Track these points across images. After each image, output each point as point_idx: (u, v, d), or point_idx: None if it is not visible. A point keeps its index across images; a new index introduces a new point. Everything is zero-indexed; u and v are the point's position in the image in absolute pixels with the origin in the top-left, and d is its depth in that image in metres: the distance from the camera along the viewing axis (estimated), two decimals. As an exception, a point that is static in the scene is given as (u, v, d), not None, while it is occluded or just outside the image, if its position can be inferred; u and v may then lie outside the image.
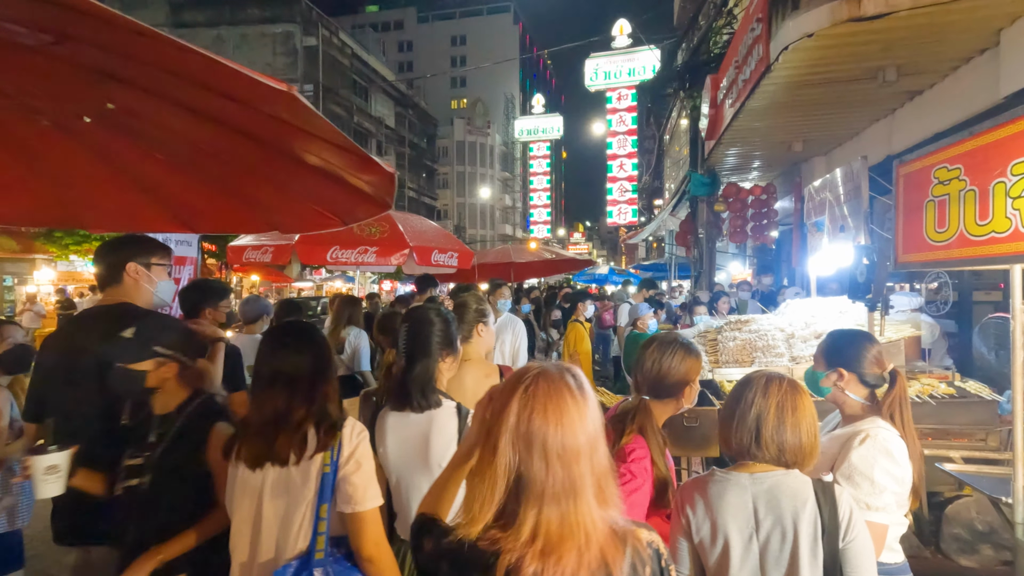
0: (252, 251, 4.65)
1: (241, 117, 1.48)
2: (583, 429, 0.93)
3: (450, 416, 1.75)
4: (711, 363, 3.85)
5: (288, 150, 1.67)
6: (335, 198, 2.04)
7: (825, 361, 1.77)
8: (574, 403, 0.93)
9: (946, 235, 2.05)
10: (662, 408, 1.69)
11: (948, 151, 2.03)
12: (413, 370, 1.75)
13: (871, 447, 1.57)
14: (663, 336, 1.74)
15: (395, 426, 1.76)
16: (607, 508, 0.94)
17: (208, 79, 1.25)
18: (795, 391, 1.37)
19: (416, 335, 1.79)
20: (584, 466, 0.92)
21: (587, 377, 1.00)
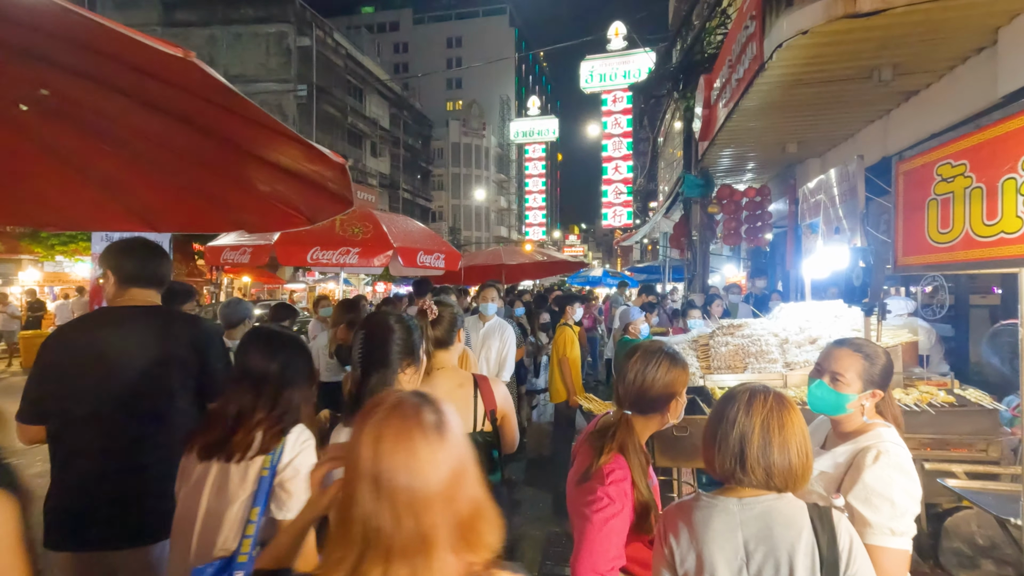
0: (230, 252, 4.50)
1: (180, 102, 1.34)
2: (436, 473, 0.82)
3: None
4: (703, 369, 3.72)
5: (234, 139, 1.54)
6: (296, 194, 1.91)
7: (865, 381, 1.58)
8: (426, 443, 0.83)
9: (950, 236, 1.92)
10: (645, 424, 1.55)
11: (952, 146, 1.91)
12: (368, 382, 1.58)
13: (886, 465, 1.43)
14: (647, 345, 1.59)
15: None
16: (473, 554, 0.84)
17: (105, 46, 1.12)
18: (782, 407, 1.24)
19: (373, 343, 1.63)
20: (437, 516, 0.81)
21: (577, 382, 0.88)
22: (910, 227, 2.15)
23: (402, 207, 36.76)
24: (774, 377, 3.50)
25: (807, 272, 4.69)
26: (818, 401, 1.63)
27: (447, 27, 56.52)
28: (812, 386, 1.64)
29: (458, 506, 0.84)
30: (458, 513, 0.83)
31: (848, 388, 1.58)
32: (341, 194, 1.76)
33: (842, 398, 1.58)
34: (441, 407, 0.91)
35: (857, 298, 3.06)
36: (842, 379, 1.59)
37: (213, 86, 1.14)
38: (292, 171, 1.64)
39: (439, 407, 0.90)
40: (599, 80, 30.30)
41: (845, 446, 1.57)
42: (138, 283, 1.94)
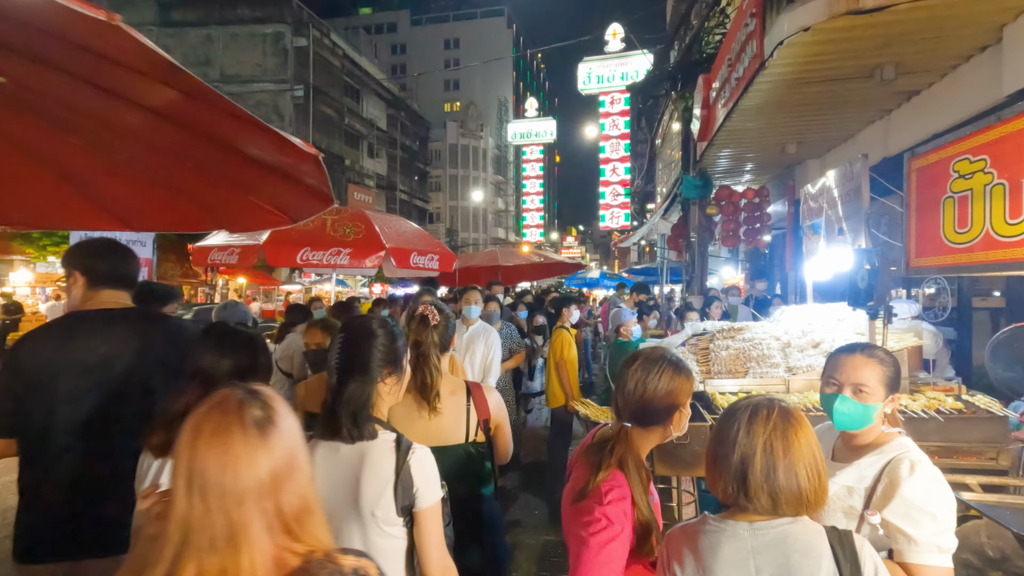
0: (217, 252, 4.38)
1: (137, 87, 1.24)
2: (251, 470, 0.83)
3: (385, 452, 1.43)
4: (703, 374, 3.62)
5: (203, 128, 1.43)
6: (275, 191, 1.81)
7: (889, 388, 1.49)
8: (244, 441, 0.84)
9: (968, 236, 1.82)
10: (646, 437, 1.44)
11: (970, 140, 1.81)
12: (345, 391, 1.46)
13: (924, 477, 1.33)
14: (648, 352, 1.48)
15: (324, 459, 1.46)
16: (300, 545, 0.87)
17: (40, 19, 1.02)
18: (788, 424, 1.12)
19: (351, 349, 1.50)
20: (251, 510, 0.83)
21: (574, 385, 0.79)
22: (923, 227, 2.05)
23: (399, 208, 36.64)
24: (776, 382, 3.40)
25: (809, 274, 4.59)
26: (846, 418, 1.50)
27: (445, 28, 56.50)
28: (836, 403, 1.51)
29: (280, 502, 0.85)
30: (280, 509, 0.85)
31: (873, 398, 1.48)
32: (320, 190, 1.66)
33: (870, 409, 1.48)
34: (272, 403, 0.91)
35: (862, 301, 2.96)
36: (866, 389, 1.48)
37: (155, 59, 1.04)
38: (267, 165, 1.54)
39: (269, 403, 0.90)
40: (597, 82, 30.28)
41: (870, 458, 1.46)
42: (110, 284, 1.86)
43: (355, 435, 1.43)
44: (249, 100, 27.84)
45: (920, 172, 2.11)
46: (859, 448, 1.51)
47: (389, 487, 1.40)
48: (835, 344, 3.54)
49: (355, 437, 1.43)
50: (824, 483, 1.12)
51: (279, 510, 0.85)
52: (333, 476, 1.44)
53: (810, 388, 3.33)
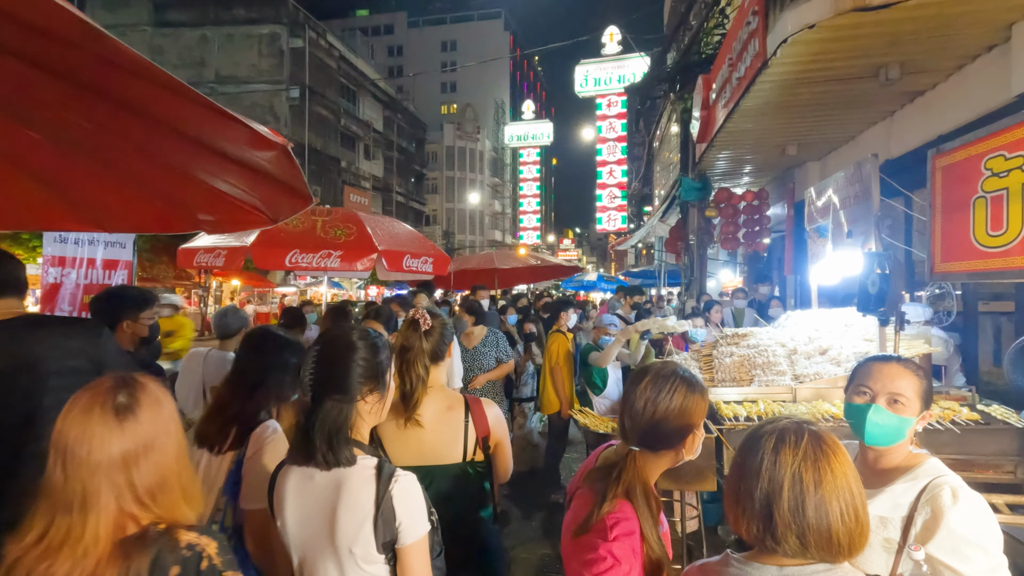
0: (204, 254, 4.23)
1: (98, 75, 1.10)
2: (104, 448, 0.98)
3: (364, 481, 1.28)
4: (705, 381, 3.49)
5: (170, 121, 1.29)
6: (250, 187, 1.68)
7: (924, 402, 1.37)
8: (101, 422, 0.99)
9: (1004, 239, 1.68)
10: (656, 463, 1.30)
11: (1006, 135, 1.67)
12: (320, 411, 1.31)
13: (969, 506, 1.20)
14: (659, 368, 1.33)
15: (297, 487, 1.33)
16: (154, 516, 1.02)
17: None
18: (820, 452, 0.98)
19: (328, 364, 1.35)
20: (101, 481, 0.97)
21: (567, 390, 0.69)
22: (951, 229, 1.92)
23: (395, 210, 36.49)
24: (782, 391, 3.27)
25: (814, 278, 4.47)
26: (879, 431, 1.36)
27: (442, 31, 56.44)
28: (870, 414, 1.37)
29: (131, 477, 1.00)
30: (132, 483, 1.00)
31: (909, 410, 1.35)
32: (295, 185, 1.52)
33: (905, 423, 1.35)
34: (139, 393, 1.05)
35: (872, 306, 2.84)
36: (903, 400, 1.35)
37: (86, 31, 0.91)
38: (238, 159, 1.41)
39: (136, 393, 1.04)
40: (594, 84, 30.30)
41: (903, 483, 1.33)
42: (6, 293, 1.71)
43: (330, 460, 1.29)
44: (244, 101, 27.69)
45: (946, 171, 1.99)
46: (886, 471, 1.38)
47: (368, 521, 1.25)
48: (843, 351, 3.42)
49: (330, 463, 1.29)
50: (864, 527, 0.97)
51: (131, 484, 1.00)
52: (307, 507, 1.31)
53: (818, 397, 3.20)
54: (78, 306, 3.14)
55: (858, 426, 1.39)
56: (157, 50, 28.19)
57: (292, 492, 1.33)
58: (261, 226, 1.93)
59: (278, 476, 1.38)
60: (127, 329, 2.42)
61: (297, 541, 1.33)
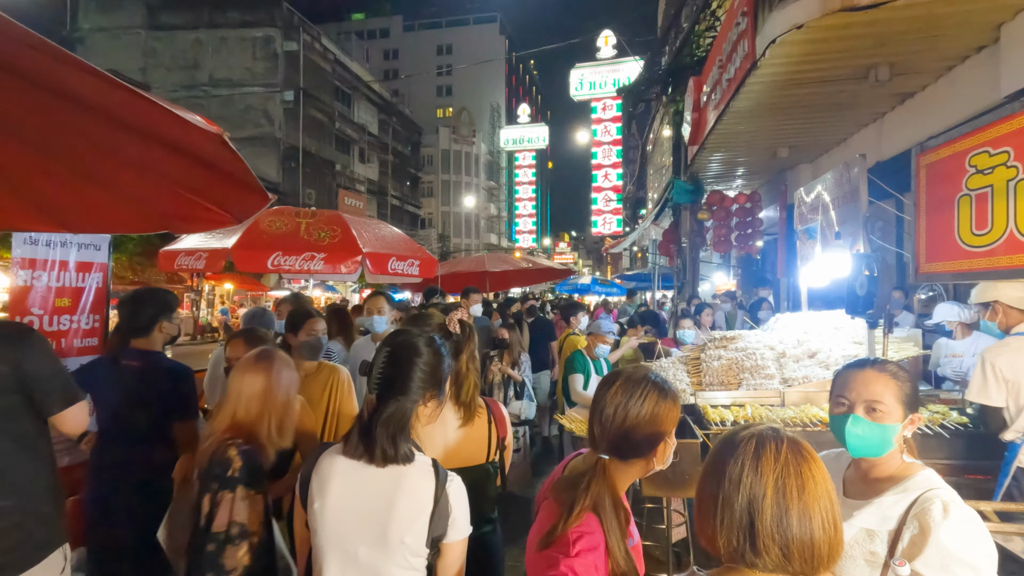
0: (185, 256, 4.15)
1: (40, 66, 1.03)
2: (246, 386, 1.73)
3: (424, 476, 1.34)
4: (693, 385, 3.43)
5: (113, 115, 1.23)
6: (204, 183, 1.61)
7: (907, 406, 1.30)
8: (250, 369, 1.75)
9: (989, 237, 1.63)
10: (626, 472, 1.24)
11: (990, 131, 1.62)
12: (385, 410, 1.35)
13: (960, 520, 1.14)
14: (630, 372, 1.28)
15: (346, 476, 1.35)
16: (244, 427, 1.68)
17: None
18: (800, 459, 0.92)
19: (395, 366, 1.39)
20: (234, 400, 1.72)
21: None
22: (935, 229, 1.86)
23: (390, 213, 36.40)
24: (771, 394, 3.22)
25: (804, 280, 4.43)
26: (861, 442, 1.31)
27: (437, 34, 56.47)
28: (848, 424, 1.32)
29: (245, 404, 1.67)
30: (244, 408, 1.67)
31: (890, 417, 1.29)
32: (242, 178, 1.46)
33: (887, 431, 1.28)
34: (272, 360, 1.74)
35: (861, 309, 2.79)
36: (881, 407, 1.30)
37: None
38: (180, 151, 1.34)
39: (272, 356, 1.76)
40: (589, 88, 30.41)
41: (892, 495, 1.26)
42: None
43: (389, 457, 1.34)
44: (239, 104, 27.58)
45: (930, 168, 1.94)
46: (877, 481, 1.31)
47: (426, 514, 1.32)
48: (832, 354, 3.37)
49: (389, 459, 1.34)
50: (840, 535, 0.92)
51: (245, 408, 1.66)
52: (357, 497, 1.34)
53: (806, 401, 3.15)
54: (49, 309, 3.05)
55: (841, 438, 1.34)
56: (151, 53, 28.08)
57: (339, 479, 1.35)
58: (226, 225, 1.88)
59: (320, 462, 1.39)
60: (163, 330, 2.53)
61: (338, 529, 1.34)
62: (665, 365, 3.69)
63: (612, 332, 4.04)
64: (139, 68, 26.92)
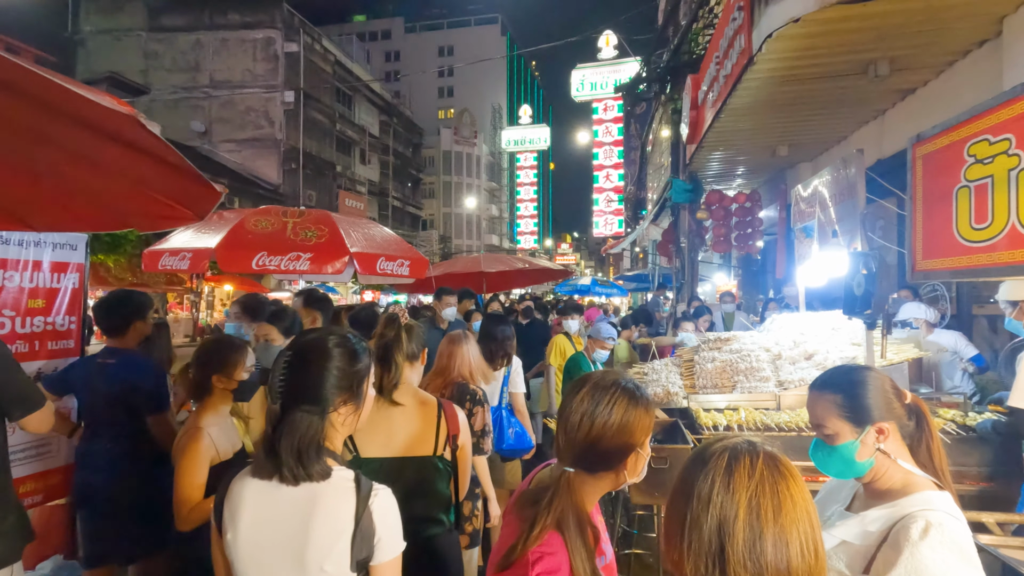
0: (169, 256, 4.07)
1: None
2: (454, 356, 2.73)
3: (343, 494, 1.20)
4: (687, 388, 3.34)
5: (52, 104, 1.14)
6: (161, 180, 1.52)
7: (852, 420, 1.20)
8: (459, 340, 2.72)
9: (989, 232, 1.51)
10: (594, 486, 1.15)
11: (989, 117, 1.52)
12: (289, 422, 1.20)
13: (938, 544, 1.04)
14: (599, 377, 1.18)
15: (256, 501, 1.21)
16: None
17: None
18: (777, 475, 0.83)
19: (300, 371, 1.25)
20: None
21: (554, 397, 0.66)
22: (932, 223, 1.75)
23: (391, 214, 36.35)
24: (766, 398, 3.12)
25: (801, 280, 4.32)
26: (826, 467, 1.26)
27: (439, 36, 56.48)
28: (811, 449, 1.29)
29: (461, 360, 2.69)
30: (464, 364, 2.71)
31: (839, 438, 1.21)
32: (176, 164, 1.37)
33: (841, 451, 1.21)
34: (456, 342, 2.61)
35: (859, 309, 2.69)
36: (826, 429, 1.23)
37: None
38: (139, 147, 1.26)
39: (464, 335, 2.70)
40: (590, 89, 30.32)
41: (879, 510, 1.17)
42: None
43: (299, 475, 1.19)
44: (239, 106, 27.58)
45: (927, 159, 1.83)
46: (877, 494, 1.21)
47: (346, 536, 1.17)
48: (829, 355, 3.27)
49: (299, 477, 1.19)
50: (822, 563, 0.82)
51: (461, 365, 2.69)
52: (269, 521, 1.20)
53: (802, 404, 3.05)
54: (22, 311, 2.97)
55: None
56: (152, 55, 28.12)
57: (251, 503, 1.21)
58: (188, 222, 1.80)
59: (231, 487, 1.25)
60: (138, 330, 2.66)
61: (250, 558, 1.21)
62: (658, 367, 3.59)
63: (613, 338, 3.88)
64: (140, 70, 26.96)
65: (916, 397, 1.27)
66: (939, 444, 1.23)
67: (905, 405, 1.24)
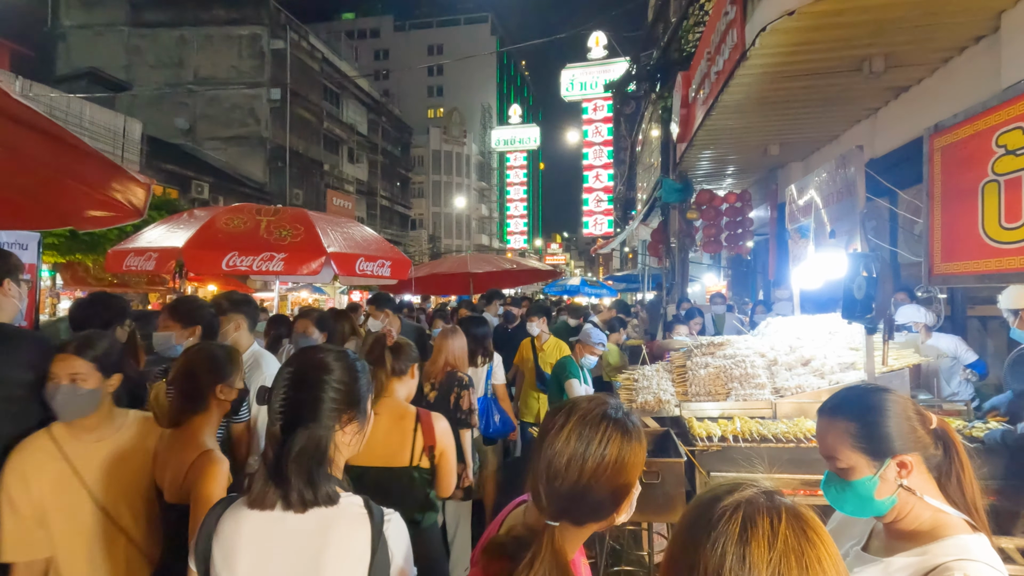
0: (134, 257, 3.85)
1: None
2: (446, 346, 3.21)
3: (356, 522, 1.11)
4: (679, 396, 3.19)
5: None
6: (96, 176, 1.33)
7: (869, 452, 1.04)
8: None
9: (1022, 232, 1.36)
10: (579, 534, 0.97)
11: (1021, 103, 1.37)
12: (295, 441, 1.10)
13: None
14: (584, 407, 0.98)
15: (258, 537, 1.09)
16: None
17: None
18: (804, 540, 0.66)
19: (301, 389, 1.16)
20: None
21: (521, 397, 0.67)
22: (953, 221, 1.60)
23: (380, 214, 36.03)
24: (762, 406, 2.98)
25: (796, 282, 4.20)
26: (841, 504, 1.10)
27: (428, 34, 56.11)
28: (823, 483, 1.12)
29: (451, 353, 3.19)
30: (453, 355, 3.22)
31: (857, 472, 1.05)
32: (101, 157, 1.20)
33: (858, 488, 1.04)
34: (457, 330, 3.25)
35: (859, 313, 2.55)
36: (839, 462, 1.07)
37: None
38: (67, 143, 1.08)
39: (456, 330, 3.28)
40: (580, 89, 30.31)
41: (906, 557, 1.01)
42: None
43: (308, 499, 1.09)
44: (224, 103, 27.12)
45: (947, 152, 1.68)
46: (901, 535, 1.06)
47: (363, 568, 1.08)
48: (827, 361, 3.13)
49: (308, 502, 1.10)
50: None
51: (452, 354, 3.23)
52: (277, 560, 1.08)
53: (800, 413, 2.91)
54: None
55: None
56: (134, 51, 27.57)
57: (250, 542, 1.09)
58: (130, 219, 1.61)
59: (219, 527, 1.11)
60: (116, 334, 2.45)
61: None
62: (649, 373, 3.44)
63: (603, 343, 3.71)
64: (122, 66, 26.42)
65: (943, 421, 1.12)
66: (971, 475, 1.07)
67: (931, 431, 1.09)
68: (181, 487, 1.59)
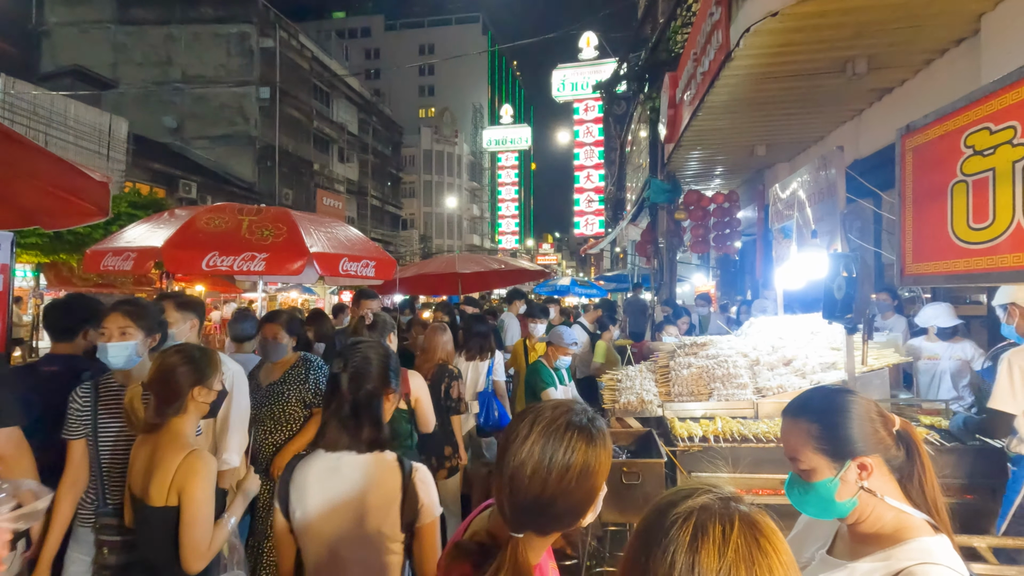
0: (112, 257, 3.79)
1: None
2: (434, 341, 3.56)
3: (390, 469, 1.45)
4: (661, 396, 3.18)
5: None
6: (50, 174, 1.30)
7: (830, 454, 1.04)
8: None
9: (990, 232, 1.36)
10: (544, 543, 0.97)
11: (990, 103, 1.36)
12: (364, 397, 1.47)
13: None
14: (548, 415, 0.96)
15: (322, 476, 1.42)
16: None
17: None
18: (756, 549, 0.65)
19: (363, 361, 1.52)
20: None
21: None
22: (924, 223, 1.60)
23: (370, 214, 35.87)
24: (744, 406, 2.98)
25: (779, 282, 4.21)
26: (803, 506, 1.10)
27: (419, 34, 55.96)
28: (786, 484, 1.12)
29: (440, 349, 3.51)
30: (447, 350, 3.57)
31: (818, 474, 1.05)
32: (55, 157, 1.16)
33: (820, 490, 1.04)
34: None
35: (839, 313, 2.56)
36: (800, 463, 1.07)
37: None
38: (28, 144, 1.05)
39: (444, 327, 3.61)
40: (571, 89, 30.36)
41: (869, 562, 1.01)
42: None
43: (374, 441, 1.45)
44: (212, 102, 26.86)
45: (918, 152, 1.68)
46: (864, 538, 1.06)
47: (396, 503, 1.42)
48: (808, 361, 3.14)
49: (373, 444, 1.45)
50: None
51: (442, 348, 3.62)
52: (335, 494, 1.41)
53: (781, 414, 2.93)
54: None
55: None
56: (121, 48, 27.24)
57: (317, 481, 1.41)
58: (95, 218, 1.57)
59: (294, 472, 1.44)
60: (88, 338, 2.49)
61: (320, 529, 1.40)
62: (632, 373, 3.44)
63: (575, 342, 3.65)
64: (108, 64, 26.08)
65: (906, 423, 1.11)
66: (933, 477, 1.07)
67: (893, 433, 1.08)
68: (169, 489, 1.62)
